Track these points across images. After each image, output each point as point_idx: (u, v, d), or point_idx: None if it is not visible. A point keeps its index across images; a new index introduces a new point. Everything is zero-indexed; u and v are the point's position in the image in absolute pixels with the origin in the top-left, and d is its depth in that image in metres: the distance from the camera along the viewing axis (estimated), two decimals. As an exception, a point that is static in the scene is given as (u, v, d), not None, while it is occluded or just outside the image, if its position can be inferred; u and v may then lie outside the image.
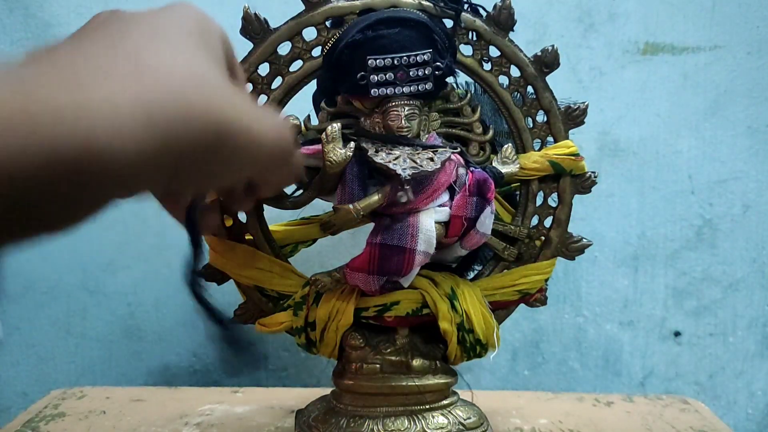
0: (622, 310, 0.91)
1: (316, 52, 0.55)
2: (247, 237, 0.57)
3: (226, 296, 0.85)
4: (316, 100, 0.57)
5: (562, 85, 0.58)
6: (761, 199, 0.89)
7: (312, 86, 0.57)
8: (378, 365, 0.58)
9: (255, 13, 0.54)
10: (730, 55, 0.87)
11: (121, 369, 0.92)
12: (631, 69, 0.87)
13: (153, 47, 0.33)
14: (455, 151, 0.53)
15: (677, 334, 0.91)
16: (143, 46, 0.32)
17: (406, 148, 0.52)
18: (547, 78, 0.57)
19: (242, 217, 0.57)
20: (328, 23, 0.55)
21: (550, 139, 0.58)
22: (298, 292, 0.57)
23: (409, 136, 0.53)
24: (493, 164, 0.56)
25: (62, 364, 0.92)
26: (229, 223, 0.57)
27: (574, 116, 0.58)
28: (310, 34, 0.55)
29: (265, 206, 0.57)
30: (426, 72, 0.52)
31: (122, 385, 0.90)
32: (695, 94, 0.88)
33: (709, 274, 0.90)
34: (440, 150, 0.52)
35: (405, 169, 0.50)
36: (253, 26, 0.54)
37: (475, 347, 0.58)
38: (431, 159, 0.51)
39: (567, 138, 0.58)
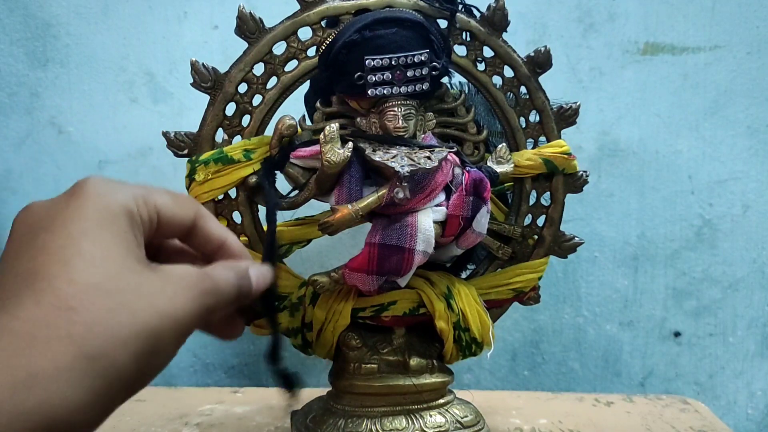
0: (622, 310, 0.91)
1: (312, 52, 0.55)
2: (242, 238, 0.57)
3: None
4: (310, 100, 0.57)
5: (562, 85, 0.58)
6: (761, 199, 0.88)
7: (307, 86, 0.57)
8: (376, 365, 0.58)
9: (250, 13, 0.54)
10: (730, 55, 0.87)
11: (121, 369, 0.92)
12: (631, 69, 0.87)
13: (71, 276, 0.33)
14: (452, 150, 0.53)
15: (677, 334, 0.91)
16: (61, 280, 0.32)
17: (403, 147, 0.52)
18: (548, 78, 0.57)
19: (237, 217, 0.57)
20: (323, 23, 0.55)
21: (542, 139, 0.58)
22: (294, 293, 0.57)
23: (405, 136, 0.53)
24: (488, 164, 0.56)
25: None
26: (224, 223, 0.57)
27: (567, 116, 0.58)
28: (305, 33, 0.55)
29: (259, 206, 0.57)
30: (423, 72, 0.52)
31: (122, 385, 0.90)
32: (695, 94, 0.87)
33: (709, 274, 0.90)
34: (437, 149, 0.52)
35: (403, 166, 0.50)
36: (248, 26, 0.54)
37: (470, 346, 0.58)
38: (428, 158, 0.51)
39: (559, 137, 0.58)
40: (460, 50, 0.57)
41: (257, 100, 0.56)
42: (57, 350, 0.30)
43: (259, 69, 0.55)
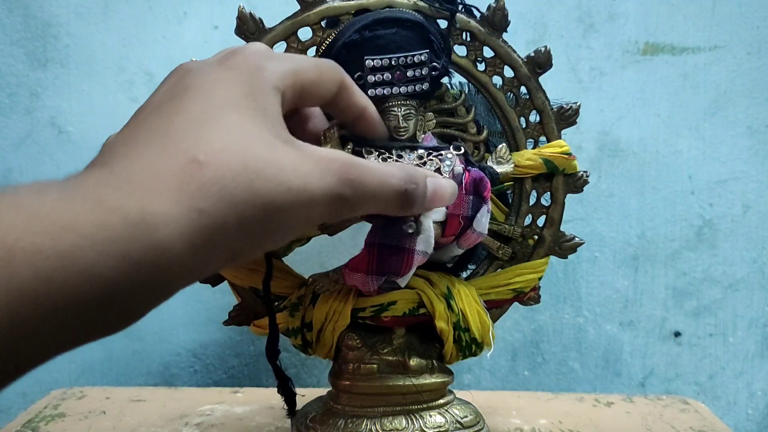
0: (622, 310, 0.91)
1: (312, 52, 0.55)
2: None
3: (221, 298, 0.85)
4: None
5: (562, 86, 0.58)
6: (761, 199, 0.88)
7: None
8: (375, 365, 0.58)
9: (250, 13, 0.54)
10: (730, 55, 0.87)
11: (121, 369, 0.92)
12: (631, 69, 0.87)
13: (203, 135, 0.34)
14: (459, 153, 0.53)
15: (677, 334, 0.91)
16: (193, 137, 0.34)
17: (412, 155, 0.52)
18: (548, 78, 0.57)
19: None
20: (323, 23, 0.55)
21: (543, 139, 0.58)
22: (294, 293, 0.57)
23: (405, 136, 0.53)
24: (488, 164, 0.56)
25: (62, 364, 0.92)
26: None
27: (567, 116, 0.58)
28: (305, 33, 0.55)
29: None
30: (423, 72, 0.52)
31: (122, 385, 0.90)
32: (695, 94, 0.87)
33: (709, 274, 0.90)
34: (445, 156, 0.52)
35: None
36: (248, 26, 0.54)
37: (470, 346, 0.58)
38: (438, 171, 0.51)
39: (560, 138, 0.58)
40: (460, 50, 0.57)
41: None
42: (171, 198, 0.31)
43: (259, 69, 0.55)
